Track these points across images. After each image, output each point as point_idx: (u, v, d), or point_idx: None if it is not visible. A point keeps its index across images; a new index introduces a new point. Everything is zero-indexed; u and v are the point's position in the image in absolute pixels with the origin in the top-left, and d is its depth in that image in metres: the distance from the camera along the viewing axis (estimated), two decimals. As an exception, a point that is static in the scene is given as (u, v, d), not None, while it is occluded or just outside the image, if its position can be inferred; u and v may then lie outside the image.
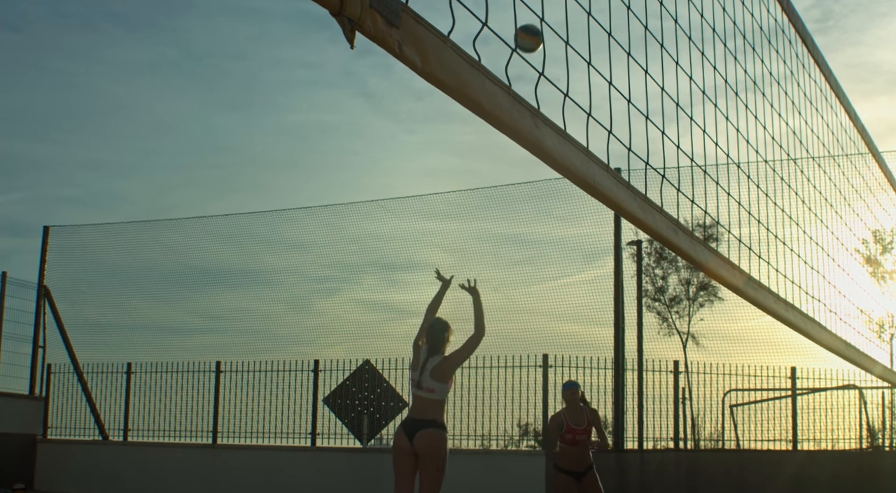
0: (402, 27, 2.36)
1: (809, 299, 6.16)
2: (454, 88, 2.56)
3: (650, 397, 20.70)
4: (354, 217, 26.56)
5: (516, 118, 2.81)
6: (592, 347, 21.16)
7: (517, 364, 20.71)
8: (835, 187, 7.01)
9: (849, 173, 7.42)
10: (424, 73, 2.45)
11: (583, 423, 12.42)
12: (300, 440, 22.00)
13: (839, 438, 21.76)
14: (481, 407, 21.05)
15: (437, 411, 10.23)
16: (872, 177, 8.19)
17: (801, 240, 6.06)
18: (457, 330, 10.74)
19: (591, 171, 3.18)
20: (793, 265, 5.89)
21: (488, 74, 2.68)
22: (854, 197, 7.66)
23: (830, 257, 6.66)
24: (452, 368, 10.35)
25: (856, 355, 6.90)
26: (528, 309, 24.89)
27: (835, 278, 6.94)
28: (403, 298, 29.25)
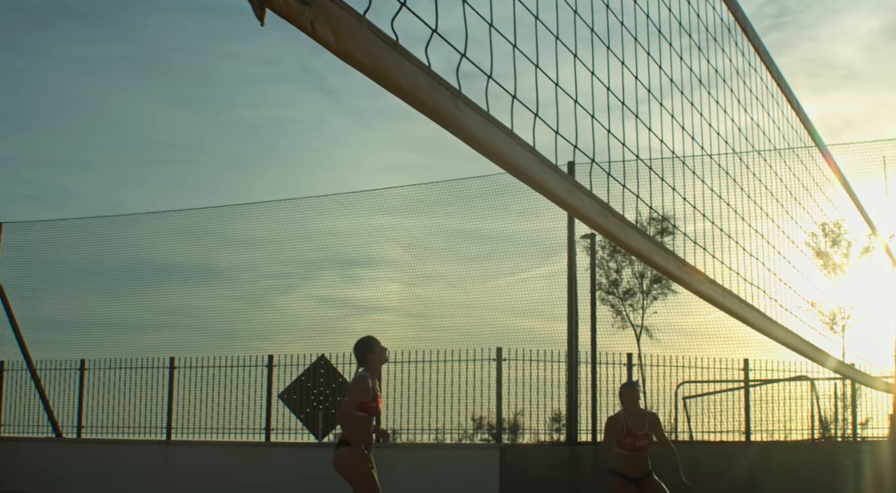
0: (315, 4, 2.33)
1: (760, 294, 6.19)
2: (370, 67, 2.54)
3: (603, 390, 20.77)
4: (311, 213, 26.49)
5: (436, 99, 2.79)
6: (548, 341, 21.21)
7: (471, 358, 20.72)
8: (781, 182, 7.04)
9: (795, 168, 7.45)
10: (339, 52, 2.43)
11: (644, 427, 11.66)
12: (254, 435, 21.94)
13: (791, 429, 21.90)
14: (435, 401, 21.05)
15: (345, 430, 10.07)
16: (819, 171, 8.23)
17: (748, 234, 6.09)
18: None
19: (515, 153, 3.17)
20: (740, 260, 5.91)
21: (406, 54, 2.66)
22: (801, 192, 7.70)
23: (778, 251, 6.69)
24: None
25: (810, 350, 6.94)
26: (484, 304, 24.91)
27: (784, 272, 6.97)
28: (361, 294, 29.22)
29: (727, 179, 5.88)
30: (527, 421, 21.79)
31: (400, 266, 27.78)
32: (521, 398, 20.89)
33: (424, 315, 27.85)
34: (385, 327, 27.52)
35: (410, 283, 28.18)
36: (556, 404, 21.37)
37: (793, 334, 6.48)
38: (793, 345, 6.48)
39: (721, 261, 5.46)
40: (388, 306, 28.46)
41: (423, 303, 27.54)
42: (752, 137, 6.24)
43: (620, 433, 11.58)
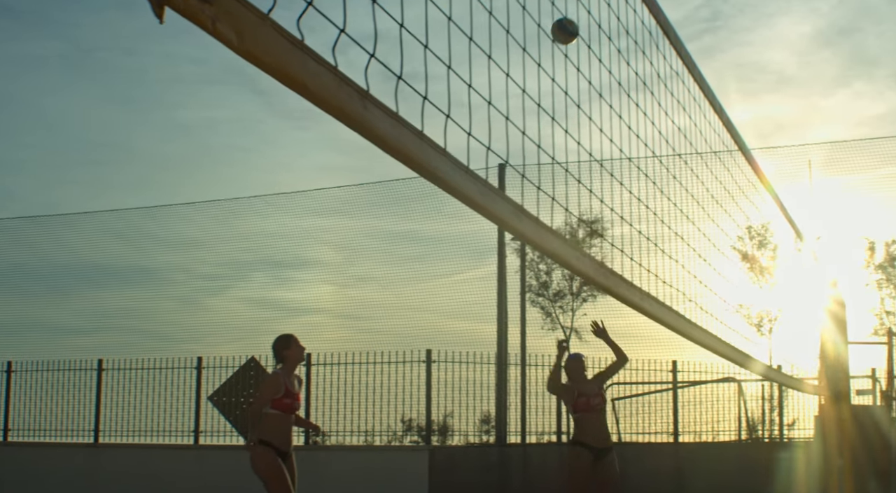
0: (217, 3, 2.30)
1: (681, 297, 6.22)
2: (273, 66, 2.51)
3: (533, 393, 20.83)
4: (244, 214, 26.37)
5: (343, 99, 2.76)
6: (480, 343, 21.25)
7: (401, 360, 20.71)
8: (703, 186, 7.08)
9: (719, 172, 7.49)
10: (241, 51, 2.40)
11: (594, 389, 11.70)
12: (183, 438, 21.78)
13: (719, 430, 22.07)
14: (365, 403, 21.03)
15: (259, 428, 10.00)
16: (743, 175, 8.28)
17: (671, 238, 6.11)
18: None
19: (425, 154, 3.15)
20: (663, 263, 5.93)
21: (312, 54, 2.63)
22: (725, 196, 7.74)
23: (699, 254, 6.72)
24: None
25: (733, 353, 6.98)
26: (417, 306, 24.91)
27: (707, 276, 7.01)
28: (293, 295, 29.12)
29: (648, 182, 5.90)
30: (456, 423, 21.84)
31: (333, 268, 27.74)
32: (451, 400, 20.93)
33: (357, 317, 27.80)
34: (317, 329, 27.41)
35: (343, 284, 28.14)
36: (485, 406, 21.43)
37: (715, 338, 6.51)
38: (715, 348, 6.52)
39: (640, 264, 5.48)
40: (321, 308, 28.39)
41: (355, 305, 27.50)
42: (675, 142, 6.26)
43: (574, 396, 11.61)
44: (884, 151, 24.38)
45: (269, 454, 9.85)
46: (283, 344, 10.20)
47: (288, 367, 10.17)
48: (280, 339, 10.24)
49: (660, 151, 5.95)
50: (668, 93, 6.23)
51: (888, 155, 24.41)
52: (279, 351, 10.18)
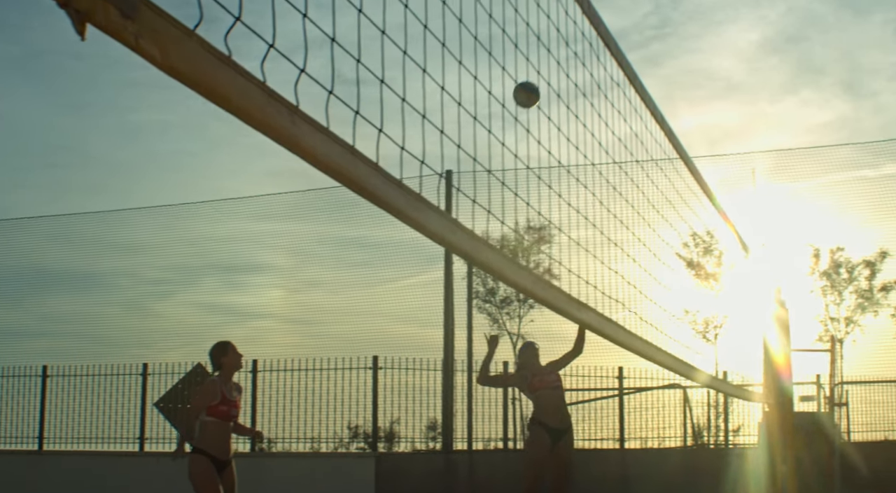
0: (140, 19, 2.28)
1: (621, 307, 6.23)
2: (199, 82, 2.49)
3: (479, 400, 20.84)
4: (192, 219, 26.26)
5: (270, 114, 2.74)
6: (428, 348, 21.25)
7: (347, 366, 20.66)
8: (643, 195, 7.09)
9: (660, 181, 7.52)
10: (165, 68, 2.38)
11: (549, 372, 11.84)
12: (128, 444, 21.63)
13: (665, 436, 22.16)
14: (311, 410, 20.97)
15: (197, 436, 9.97)
16: (683, 183, 8.31)
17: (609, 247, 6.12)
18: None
19: (355, 169, 3.14)
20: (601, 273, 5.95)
21: (239, 70, 2.61)
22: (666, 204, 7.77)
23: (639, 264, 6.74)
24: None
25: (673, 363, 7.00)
26: (366, 311, 24.90)
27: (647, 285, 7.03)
28: (242, 300, 29.03)
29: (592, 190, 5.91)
30: (403, 429, 21.80)
31: (282, 272, 27.68)
32: (398, 407, 20.91)
33: (306, 321, 27.74)
34: (267, 334, 27.36)
35: (293, 289, 28.07)
36: (432, 413, 21.43)
37: (656, 349, 6.53)
38: (656, 359, 6.53)
39: (579, 276, 5.49)
40: (270, 313, 28.33)
41: (305, 309, 27.44)
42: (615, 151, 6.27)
43: (528, 378, 11.76)
44: (829, 158, 24.62)
45: (203, 462, 9.80)
46: (220, 351, 10.17)
47: (225, 374, 10.12)
48: (217, 346, 10.21)
49: (602, 160, 5.96)
50: (608, 103, 6.25)
51: (833, 163, 24.65)
52: (216, 358, 10.15)
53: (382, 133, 3.42)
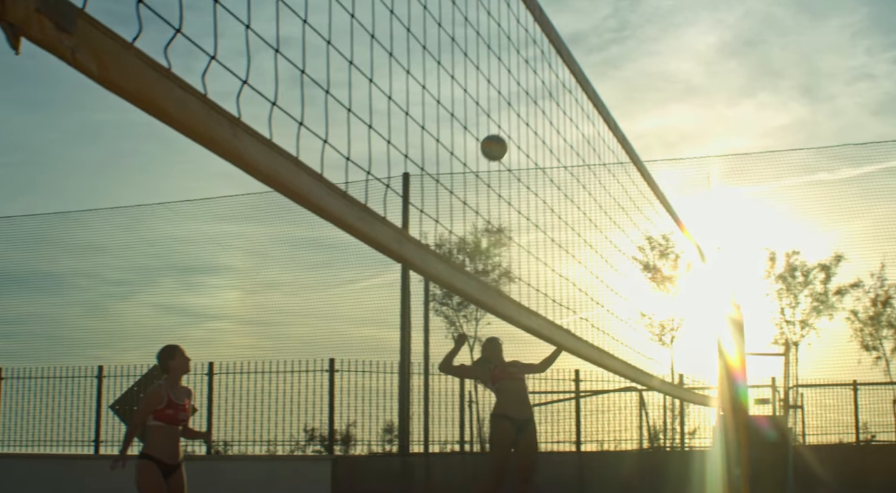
0: (77, 33, 2.26)
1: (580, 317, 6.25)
2: (136, 95, 2.47)
3: (436, 403, 20.83)
4: (151, 220, 26.17)
5: (211, 127, 2.72)
6: (385, 349, 21.25)
7: (304, 369, 20.61)
8: (595, 201, 7.11)
9: (612, 185, 7.53)
10: (103, 81, 2.36)
11: (512, 365, 12.06)
12: (83, 447, 21.49)
13: (622, 439, 22.22)
14: (267, 413, 20.91)
15: (145, 441, 9.95)
16: (635, 187, 8.33)
17: (559, 254, 6.13)
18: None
19: (299, 180, 3.12)
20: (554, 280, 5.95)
21: (179, 82, 2.60)
22: (618, 209, 7.78)
23: (591, 271, 6.75)
24: None
25: (631, 372, 7.02)
26: (324, 313, 24.87)
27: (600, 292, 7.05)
28: (200, 301, 28.93)
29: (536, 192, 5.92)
30: (359, 432, 21.79)
31: (240, 274, 27.64)
32: (354, 409, 20.88)
33: (264, 323, 27.71)
34: (224, 335, 27.31)
35: (250, 290, 28.03)
36: (388, 415, 21.41)
37: (606, 354, 6.55)
38: (608, 365, 6.56)
39: (528, 283, 5.49)
40: (228, 314, 28.29)
41: (262, 311, 27.42)
42: (565, 156, 6.27)
43: (490, 370, 11.94)
44: (786, 162, 24.77)
45: (148, 467, 9.74)
46: (167, 355, 10.13)
47: (172, 377, 10.07)
48: (165, 349, 10.18)
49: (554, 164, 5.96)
50: (560, 110, 6.25)
51: (790, 166, 24.80)
52: (164, 361, 10.11)
53: (327, 144, 3.41)
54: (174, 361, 10.09)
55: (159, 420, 9.81)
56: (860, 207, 25.37)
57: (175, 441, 9.96)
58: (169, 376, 10.06)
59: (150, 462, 9.74)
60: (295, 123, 3.20)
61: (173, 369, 10.08)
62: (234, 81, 2.88)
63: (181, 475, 10.00)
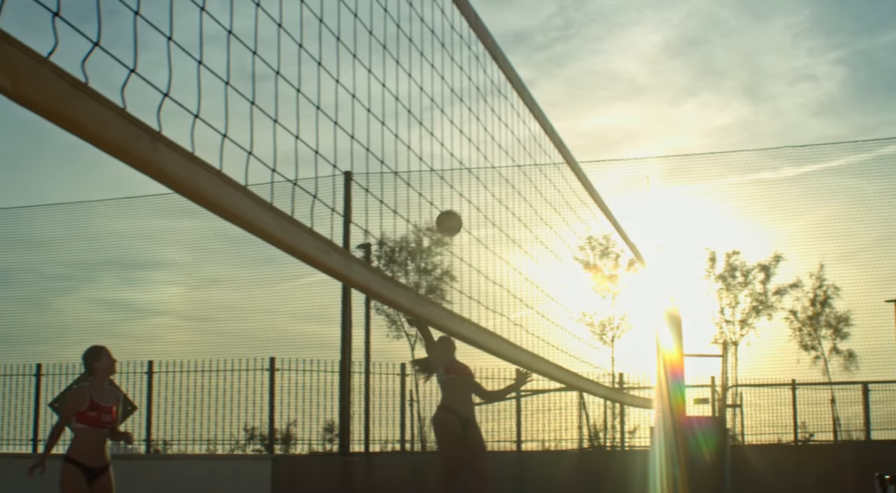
0: (-12, 48, 2.22)
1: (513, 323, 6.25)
2: (53, 112, 2.44)
3: (377, 401, 20.82)
4: (93, 215, 25.97)
5: (130, 142, 2.69)
6: (329, 346, 21.19)
7: (244, 368, 20.52)
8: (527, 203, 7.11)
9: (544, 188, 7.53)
10: (16, 97, 2.32)
11: (464, 366, 12.02)
12: (22, 446, 21.30)
13: (562, 438, 22.28)
14: (207, 411, 20.80)
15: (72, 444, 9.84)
16: (570, 189, 8.34)
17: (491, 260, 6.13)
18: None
19: (224, 195, 3.09)
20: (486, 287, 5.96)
21: (97, 97, 2.56)
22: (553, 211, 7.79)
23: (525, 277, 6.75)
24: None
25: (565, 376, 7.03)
26: (267, 308, 24.81)
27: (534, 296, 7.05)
28: (142, 297, 28.75)
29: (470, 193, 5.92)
30: (300, 431, 21.73)
31: (183, 269, 27.50)
32: (295, 408, 20.81)
33: (207, 319, 27.60)
34: (166, 331, 27.19)
35: (193, 286, 27.90)
36: (329, 415, 21.36)
37: (542, 360, 6.55)
38: (540, 370, 6.56)
39: (461, 291, 5.50)
40: (170, 310, 28.15)
41: (206, 306, 27.31)
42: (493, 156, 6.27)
43: (443, 363, 11.78)
44: (728, 161, 24.95)
45: (70, 471, 9.62)
46: (93, 355, 9.98)
47: (98, 379, 9.92)
48: (90, 350, 10.03)
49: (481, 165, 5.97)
50: (494, 116, 6.25)
51: (732, 165, 24.98)
52: (89, 362, 9.95)
53: (252, 155, 3.39)
54: (99, 362, 9.93)
55: (82, 423, 9.65)
56: (801, 207, 25.62)
57: (100, 444, 9.79)
58: (94, 377, 9.91)
59: (73, 466, 9.62)
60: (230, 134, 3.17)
61: (98, 371, 9.92)
62: (157, 94, 2.86)
63: (108, 477, 9.84)
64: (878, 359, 25.21)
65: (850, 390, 23.90)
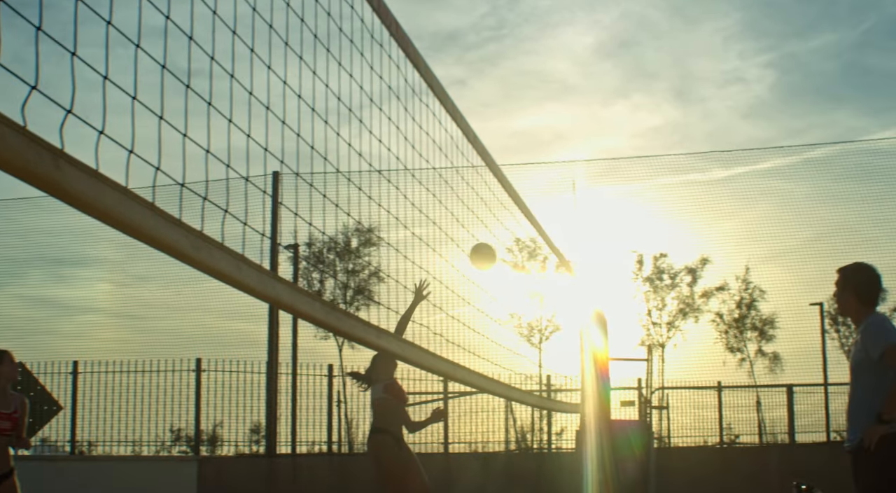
0: None
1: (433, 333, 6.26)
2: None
3: (304, 403, 20.76)
4: (20, 211, 25.68)
5: (31, 161, 2.64)
6: (259, 345, 21.11)
7: (170, 369, 20.38)
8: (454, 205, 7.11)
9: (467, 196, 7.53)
10: None
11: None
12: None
13: (489, 440, 22.31)
14: (133, 412, 20.63)
15: None
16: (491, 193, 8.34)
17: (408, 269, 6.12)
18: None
19: (129, 211, 3.05)
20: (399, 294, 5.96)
21: (-7, 114, 2.51)
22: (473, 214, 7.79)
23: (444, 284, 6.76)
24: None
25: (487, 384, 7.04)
26: (196, 306, 24.65)
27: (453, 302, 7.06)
28: (71, 294, 28.47)
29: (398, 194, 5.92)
30: (226, 433, 21.62)
31: (112, 266, 27.26)
32: (221, 410, 20.70)
33: (135, 316, 27.40)
34: (94, 328, 26.95)
35: (122, 283, 27.68)
36: (256, 416, 21.27)
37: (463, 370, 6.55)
38: (462, 379, 6.56)
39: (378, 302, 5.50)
40: (99, 307, 27.90)
41: (134, 304, 27.09)
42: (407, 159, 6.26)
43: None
44: (659, 162, 25.15)
45: None
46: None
47: (0, 384, 9.67)
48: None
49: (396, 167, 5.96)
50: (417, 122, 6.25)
51: (663, 166, 25.19)
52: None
53: (160, 171, 3.36)
54: (3, 366, 9.68)
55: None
56: (730, 209, 25.85)
57: (2, 451, 9.56)
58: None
59: None
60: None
61: (1, 376, 9.66)
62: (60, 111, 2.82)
63: (12, 483, 9.60)
64: (803, 362, 25.50)
65: (775, 392, 24.14)
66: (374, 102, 5.40)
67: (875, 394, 7.09)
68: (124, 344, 26.11)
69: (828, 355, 24.43)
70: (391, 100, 5.67)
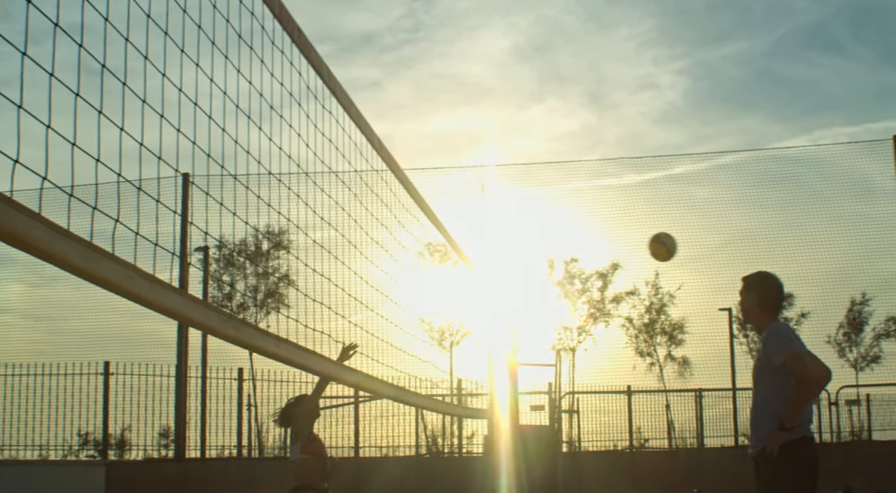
0: None
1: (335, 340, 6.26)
2: None
3: (213, 407, 20.64)
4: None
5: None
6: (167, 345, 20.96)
7: (78, 372, 20.16)
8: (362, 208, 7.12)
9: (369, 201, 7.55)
10: None
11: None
12: None
13: (400, 444, 22.30)
14: (40, 416, 20.39)
15: None
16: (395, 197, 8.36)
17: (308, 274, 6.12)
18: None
19: (12, 222, 3.02)
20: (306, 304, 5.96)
21: None
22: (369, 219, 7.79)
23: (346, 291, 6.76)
24: None
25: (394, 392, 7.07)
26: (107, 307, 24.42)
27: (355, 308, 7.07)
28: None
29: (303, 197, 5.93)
30: (135, 437, 21.44)
31: (24, 266, 26.89)
32: (130, 414, 20.51)
33: (47, 318, 27.08)
34: (6, 329, 26.61)
35: (34, 283, 27.34)
36: (165, 420, 21.11)
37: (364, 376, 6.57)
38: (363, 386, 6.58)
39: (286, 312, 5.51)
40: (10, 308, 27.51)
41: (47, 304, 26.79)
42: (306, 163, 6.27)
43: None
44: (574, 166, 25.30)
45: None
46: None
47: None
48: None
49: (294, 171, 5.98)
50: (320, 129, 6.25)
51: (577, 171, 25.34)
52: None
53: (47, 180, 3.35)
54: None
55: None
56: (641, 214, 26.04)
57: None
58: None
59: None
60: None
61: None
62: None
63: None
64: (712, 366, 25.82)
65: (684, 396, 24.39)
66: (275, 109, 5.40)
67: (777, 401, 7.21)
68: (36, 346, 25.84)
69: (736, 359, 24.74)
70: (292, 106, 5.67)
